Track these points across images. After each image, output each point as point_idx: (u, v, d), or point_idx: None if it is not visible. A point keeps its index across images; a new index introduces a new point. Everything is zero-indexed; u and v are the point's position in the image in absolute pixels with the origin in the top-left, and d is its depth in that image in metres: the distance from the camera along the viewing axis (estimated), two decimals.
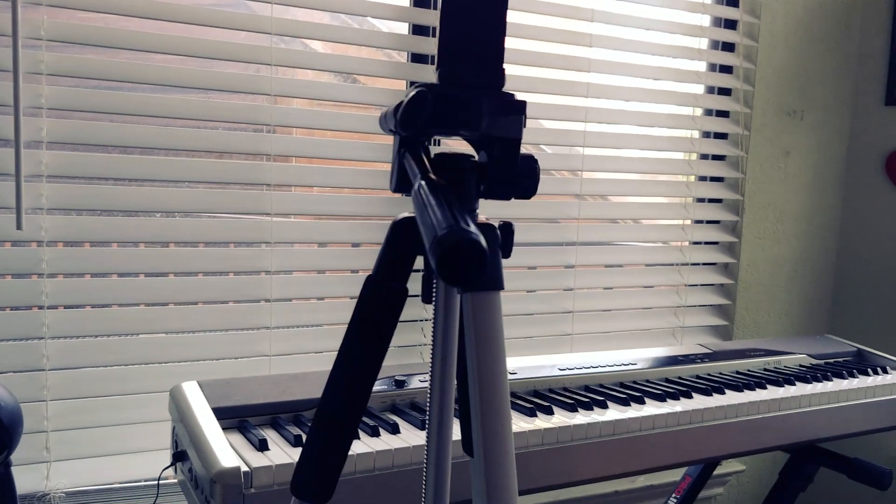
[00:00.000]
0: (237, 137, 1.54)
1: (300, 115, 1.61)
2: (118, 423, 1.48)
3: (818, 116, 2.30)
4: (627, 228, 2.14)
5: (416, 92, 0.56)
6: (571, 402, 1.31)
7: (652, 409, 1.32)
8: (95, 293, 1.45)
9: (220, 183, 1.53)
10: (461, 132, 0.59)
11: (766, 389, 1.49)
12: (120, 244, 1.48)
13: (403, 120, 0.56)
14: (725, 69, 2.17)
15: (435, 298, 0.66)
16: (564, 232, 1.94)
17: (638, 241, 2.13)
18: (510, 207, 1.85)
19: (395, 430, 1.15)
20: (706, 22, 2.11)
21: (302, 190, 1.70)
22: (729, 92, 2.17)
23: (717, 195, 2.17)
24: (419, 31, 1.73)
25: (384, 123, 0.63)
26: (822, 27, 2.26)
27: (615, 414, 1.28)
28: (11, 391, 1.15)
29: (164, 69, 1.46)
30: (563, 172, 2.05)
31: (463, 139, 0.62)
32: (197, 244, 1.54)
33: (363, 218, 1.70)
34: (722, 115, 2.17)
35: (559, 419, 1.24)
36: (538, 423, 1.22)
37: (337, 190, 1.71)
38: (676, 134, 2.10)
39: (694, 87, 2.10)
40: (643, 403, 1.35)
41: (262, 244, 1.59)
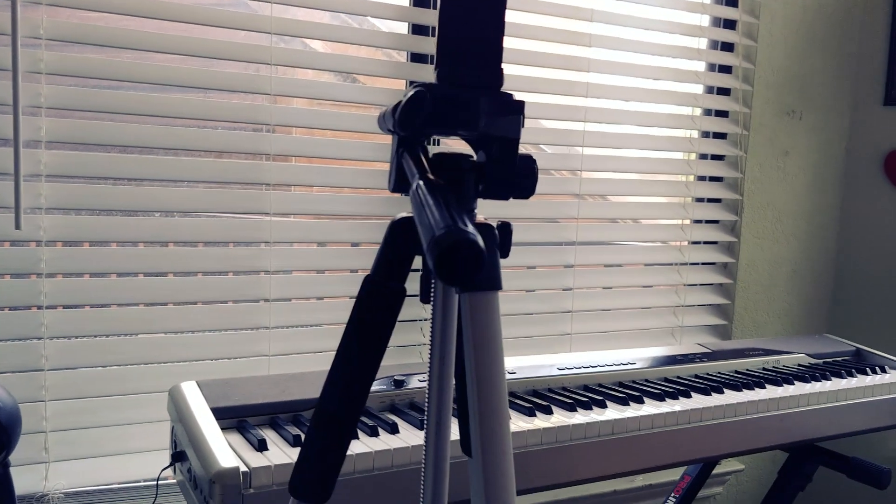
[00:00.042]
0: (237, 137, 1.54)
1: (300, 114, 1.61)
2: (117, 423, 1.48)
3: (817, 116, 2.30)
4: (627, 228, 2.14)
5: (414, 92, 0.56)
6: (570, 401, 1.31)
7: (651, 408, 1.32)
8: (94, 293, 1.45)
9: (219, 182, 1.53)
10: (459, 132, 0.59)
11: (764, 389, 1.49)
12: (119, 244, 1.48)
13: (402, 120, 0.56)
14: (725, 69, 2.17)
15: (433, 298, 0.66)
16: (564, 231, 1.94)
17: (637, 240, 2.13)
18: (510, 207, 1.85)
19: (394, 430, 1.15)
20: (705, 22, 2.11)
21: (301, 189, 1.70)
22: (728, 92, 2.18)
23: (716, 195, 2.17)
24: (419, 30, 1.73)
25: (382, 123, 0.63)
26: (821, 27, 2.26)
27: (614, 413, 1.28)
28: (10, 391, 1.15)
29: (163, 68, 1.46)
30: (562, 172, 2.05)
31: (461, 139, 0.62)
32: (196, 244, 1.54)
33: (363, 217, 1.70)
34: (721, 114, 2.17)
35: (558, 419, 1.24)
36: (537, 422, 1.22)
37: (336, 189, 1.71)
38: (676, 134, 2.10)
39: (693, 87, 2.10)
40: (642, 403, 1.36)
41: (261, 244, 1.59)
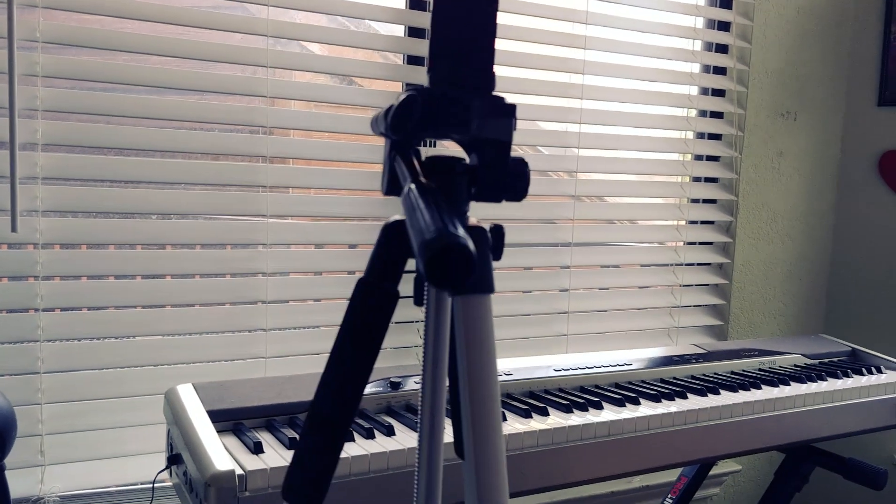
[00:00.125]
0: (234, 139, 1.55)
1: (297, 116, 1.61)
2: (113, 426, 1.48)
3: (811, 117, 2.31)
4: (622, 229, 2.14)
5: (406, 96, 0.57)
6: (567, 402, 1.31)
7: (647, 409, 1.33)
8: (91, 295, 1.45)
9: (216, 185, 1.54)
10: (451, 135, 0.60)
11: (760, 389, 1.49)
12: (116, 246, 1.48)
13: (394, 124, 0.56)
14: (719, 70, 2.17)
15: (426, 301, 0.66)
16: (560, 233, 1.94)
17: (633, 241, 2.13)
18: (506, 208, 1.85)
19: (389, 432, 1.15)
20: (700, 24, 2.11)
21: (298, 191, 1.70)
22: (723, 93, 2.18)
23: (711, 196, 2.18)
24: (415, 33, 1.73)
25: (375, 126, 0.63)
26: (814, 29, 2.26)
27: (610, 415, 1.29)
28: (5, 394, 1.15)
29: (160, 71, 1.46)
30: (558, 173, 2.05)
31: (454, 141, 0.62)
32: (193, 246, 1.54)
33: (360, 219, 1.70)
34: (716, 116, 2.18)
35: (554, 420, 1.25)
36: (533, 424, 1.22)
37: (333, 191, 1.71)
38: (671, 135, 2.11)
39: (688, 88, 2.11)
40: (638, 404, 1.36)
41: (258, 246, 1.59)
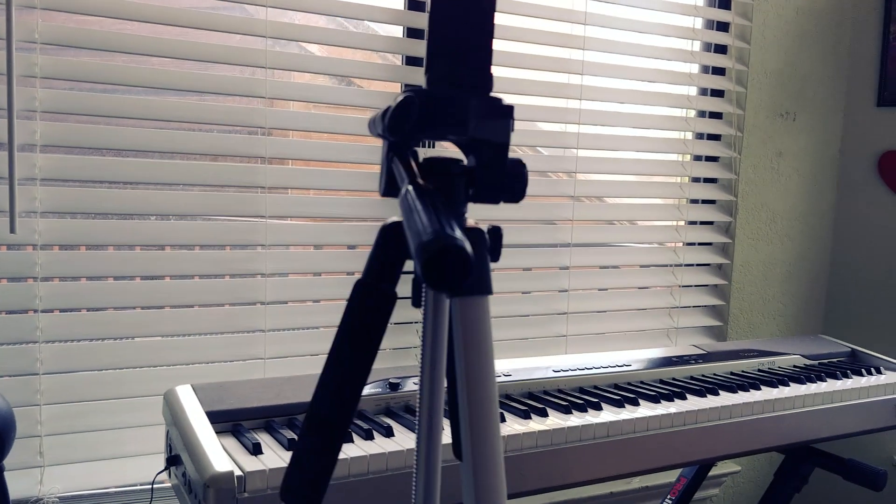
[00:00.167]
0: (232, 140, 1.55)
1: (295, 117, 1.62)
2: (112, 427, 1.48)
3: (810, 117, 2.31)
4: (621, 230, 2.14)
5: (403, 97, 0.57)
6: (566, 403, 1.31)
7: (646, 410, 1.33)
8: (90, 297, 1.45)
9: (215, 186, 1.54)
10: (449, 136, 0.60)
11: (760, 390, 1.49)
12: (115, 247, 1.48)
13: (391, 125, 0.56)
14: (718, 71, 2.17)
15: (424, 302, 0.66)
16: (559, 233, 1.94)
17: (632, 242, 2.13)
18: (505, 209, 1.85)
19: (388, 433, 1.15)
20: (698, 24, 2.11)
21: (297, 192, 1.70)
22: (722, 94, 2.18)
23: (710, 196, 2.18)
24: (414, 34, 1.73)
25: (373, 128, 0.63)
26: (813, 29, 2.26)
27: (609, 416, 1.29)
28: (4, 395, 1.15)
29: (159, 72, 1.46)
30: (557, 174, 2.05)
31: (451, 143, 0.62)
32: (192, 247, 1.54)
33: (359, 220, 1.70)
34: (715, 116, 2.18)
35: (553, 421, 1.25)
36: (532, 425, 1.22)
37: (332, 192, 1.71)
38: (670, 136, 2.11)
39: (687, 88, 2.11)
40: (637, 405, 1.36)
41: (257, 247, 1.59)
